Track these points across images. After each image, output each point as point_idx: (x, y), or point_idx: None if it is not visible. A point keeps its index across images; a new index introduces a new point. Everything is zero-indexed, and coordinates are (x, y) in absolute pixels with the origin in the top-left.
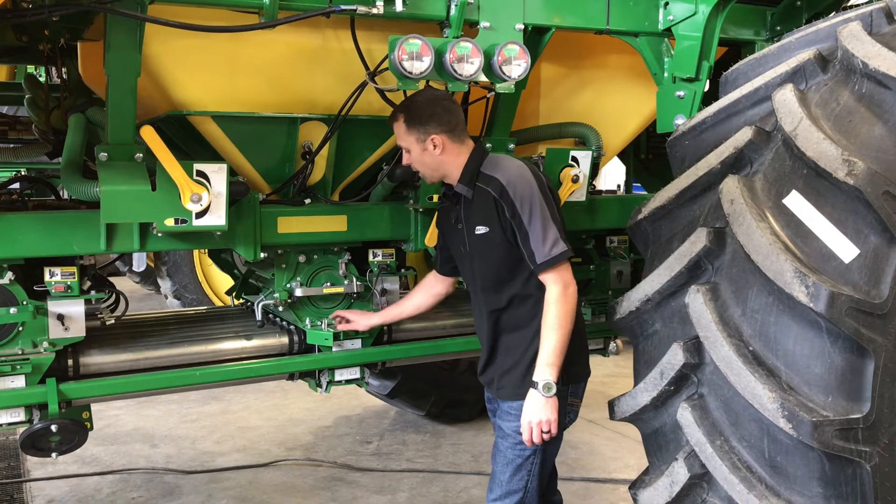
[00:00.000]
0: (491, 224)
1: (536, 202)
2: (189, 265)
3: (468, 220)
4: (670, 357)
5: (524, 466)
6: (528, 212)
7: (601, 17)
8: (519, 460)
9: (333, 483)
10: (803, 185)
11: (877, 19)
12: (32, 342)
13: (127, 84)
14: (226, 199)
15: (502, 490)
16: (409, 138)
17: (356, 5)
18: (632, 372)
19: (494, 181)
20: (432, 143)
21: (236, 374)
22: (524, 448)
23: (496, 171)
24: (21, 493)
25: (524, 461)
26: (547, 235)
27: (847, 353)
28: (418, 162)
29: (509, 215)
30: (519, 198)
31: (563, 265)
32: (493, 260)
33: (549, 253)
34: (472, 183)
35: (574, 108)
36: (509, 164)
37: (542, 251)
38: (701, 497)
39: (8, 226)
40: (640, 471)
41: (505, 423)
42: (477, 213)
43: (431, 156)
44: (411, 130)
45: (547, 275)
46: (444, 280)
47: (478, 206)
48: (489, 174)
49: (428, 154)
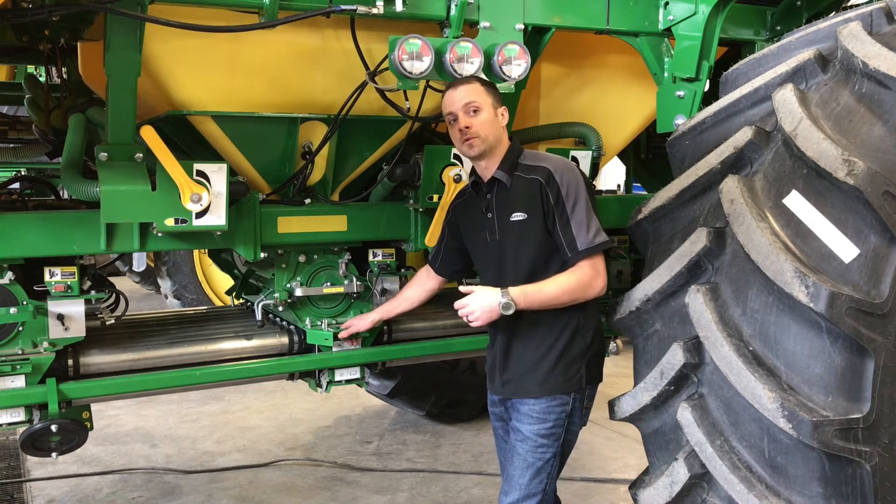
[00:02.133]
0: (531, 210)
1: (582, 192)
2: (189, 265)
3: (503, 207)
4: (670, 357)
5: (544, 469)
6: (573, 199)
7: (601, 17)
8: (539, 463)
9: (333, 483)
10: (803, 184)
11: (877, 19)
12: (32, 342)
13: (127, 84)
14: (226, 199)
15: (521, 493)
16: (487, 99)
17: (356, 5)
18: (632, 372)
19: (540, 169)
20: (502, 113)
21: (236, 374)
22: (545, 451)
23: (541, 161)
24: (21, 493)
25: (544, 464)
26: (591, 223)
27: (847, 353)
28: (487, 123)
29: (553, 201)
30: (566, 184)
31: (601, 257)
32: (528, 249)
33: (593, 241)
34: (511, 170)
35: (574, 108)
36: (555, 157)
37: (585, 237)
38: (701, 497)
39: (8, 226)
40: (640, 471)
41: (525, 427)
42: (515, 201)
43: (497, 124)
44: (490, 93)
45: (585, 262)
46: (437, 277)
47: (516, 194)
48: (532, 164)
49: (496, 122)
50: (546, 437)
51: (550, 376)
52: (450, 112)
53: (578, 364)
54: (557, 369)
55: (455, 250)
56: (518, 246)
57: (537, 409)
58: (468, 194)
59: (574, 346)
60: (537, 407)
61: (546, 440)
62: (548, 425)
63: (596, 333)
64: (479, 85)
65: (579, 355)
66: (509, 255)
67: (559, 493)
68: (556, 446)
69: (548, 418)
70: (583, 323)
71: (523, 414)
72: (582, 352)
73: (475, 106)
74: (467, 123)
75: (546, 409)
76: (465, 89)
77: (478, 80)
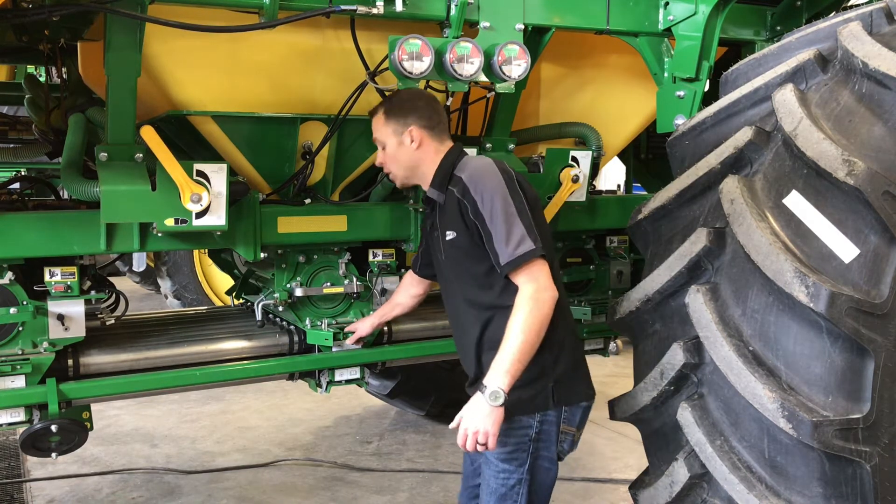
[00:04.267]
0: (458, 228)
1: (499, 197)
2: (189, 265)
3: (441, 226)
4: (670, 357)
5: (508, 497)
6: (489, 209)
7: (601, 17)
8: (503, 490)
9: (333, 483)
10: (803, 185)
11: (877, 19)
12: (32, 342)
13: (127, 84)
14: (226, 199)
15: None
16: (387, 130)
17: (356, 5)
18: (632, 372)
19: (458, 180)
20: (409, 135)
21: (236, 374)
22: (507, 477)
23: (462, 170)
24: (21, 493)
25: (508, 491)
26: (511, 233)
27: (847, 353)
28: (392, 158)
29: (472, 215)
30: (480, 194)
31: (535, 265)
32: (465, 268)
33: (514, 252)
34: (443, 186)
35: (574, 108)
36: (476, 162)
37: (505, 251)
38: (701, 497)
39: (8, 226)
40: (640, 471)
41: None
42: (447, 219)
43: (407, 151)
44: (389, 121)
45: (518, 276)
46: (422, 281)
47: (448, 211)
48: (458, 175)
49: (403, 149)
50: (507, 462)
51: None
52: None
53: (542, 383)
54: (514, 389)
55: (428, 254)
56: (456, 264)
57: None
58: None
59: (533, 363)
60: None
61: (508, 465)
62: (508, 449)
63: (565, 349)
64: (379, 116)
65: (539, 374)
66: (451, 273)
67: (560, 493)
68: (521, 473)
69: (507, 441)
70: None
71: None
72: (544, 370)
73: (379, 142)
74: (380, 161)
75: (505, 430)
76: (373, 123)
77: (381, 107)
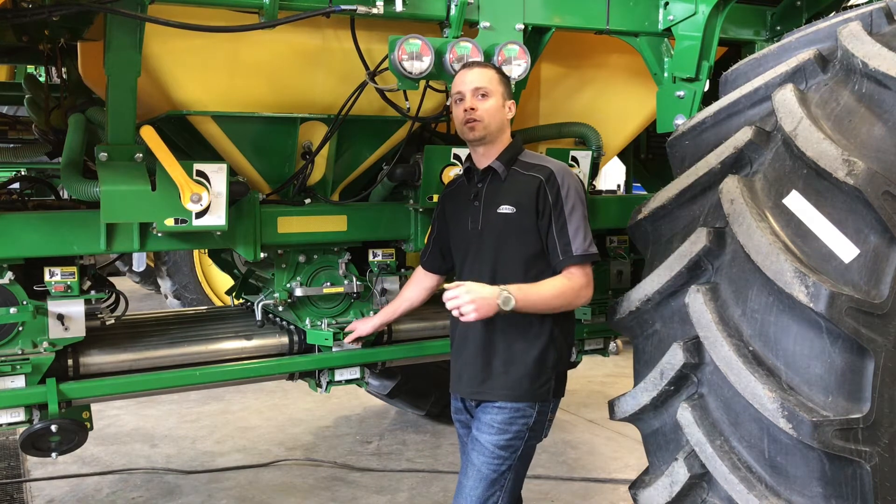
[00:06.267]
0: (522, 206)
1: (580, 198)
2: (189, 265)
3: (492, 198)
4: (670, 357)
5: (498, 482)
6: (572, 203)
7: (601, 17)
8: (494, 476)
9: (333, 483)
10: (803, 185)
11: (877, 19)
12: (32, 342)
13: (127, 84)
14: (226, 199)
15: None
16: (499, 88)
17: (356, 5)
18: (632, 372)
19: (542, 168)
20: (510, 106)
21: (236, 374)
22: (501, 463)
23: (543, 161)
24: (21, 493)
25: (499, 476)
26: (587, 232)
27: (847, 353)
28: (492, 110)
29: (552, 202)
30: (567, 187)
31: (591, 268)
32: (508, 244)
33: (587, 249)
34: (508, 164)
35: (574, 108)
36: (557, 161)
37: (580, 244)
38: (701, 497)
39: (8, 226)
40: (640, 471)
41: (484, 436)
42: (507, 194)
43: (502, 115)
44: (503, 83)
45: (575, 269)
46: (433, 276)
47: (510, 187)
48: (533, 162)
49: (502, 112)
50: (504, 450)
51: (520, 383)
52: (458, 91)
53: (549, 374)
54: (528, 377)
55: (442, 240)
56: (499, 239)
57: (499, 420)
58: (459, 182)
59: (548, 356)
60: (499, 417)
61: (504, 452)
62: (507, 437)
63: (568, 348)
64: (494, 72)
65: (551, 366)
66: (488, 246)
67: (560, 493)
68: (513, 459)
69: (509, 429)
70: (558, 334)
71: (484, 423)
72: (554, 363)
73: (484, 91)
74: (473, 105)
75: (508, 419)
76: (479, 72)
77: (495, 67)
